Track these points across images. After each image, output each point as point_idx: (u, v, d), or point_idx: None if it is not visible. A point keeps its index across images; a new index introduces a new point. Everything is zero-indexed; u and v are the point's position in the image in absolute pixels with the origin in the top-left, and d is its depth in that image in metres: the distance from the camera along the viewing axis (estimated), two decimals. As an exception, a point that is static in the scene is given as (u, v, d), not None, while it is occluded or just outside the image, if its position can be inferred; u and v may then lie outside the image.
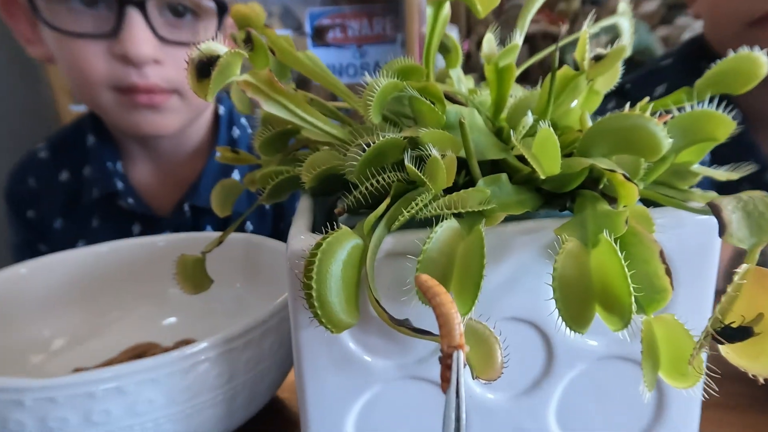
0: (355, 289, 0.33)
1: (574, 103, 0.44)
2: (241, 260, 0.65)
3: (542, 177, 0.33)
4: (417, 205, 0.34)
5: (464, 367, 0.24)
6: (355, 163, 0.37)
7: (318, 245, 0.31)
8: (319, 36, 2.84)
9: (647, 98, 0.40)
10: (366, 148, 0.37)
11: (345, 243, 0.32)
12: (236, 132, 0.99)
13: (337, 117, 0.51)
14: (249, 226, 0.94)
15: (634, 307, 0.27)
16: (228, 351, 0.42)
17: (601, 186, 0.37)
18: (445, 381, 0.21)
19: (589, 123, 0.38)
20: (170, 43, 0.77)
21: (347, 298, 0.32)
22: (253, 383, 0.45)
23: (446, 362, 0.22)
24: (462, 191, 0.34)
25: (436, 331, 0.36)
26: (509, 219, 0.35)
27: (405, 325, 0.32)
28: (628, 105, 0.37)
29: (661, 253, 0.29)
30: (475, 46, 2.89)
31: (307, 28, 2.84)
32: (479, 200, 0.35)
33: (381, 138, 0.37)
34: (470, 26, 2.97)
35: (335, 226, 0.33)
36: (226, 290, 0.63)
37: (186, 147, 0.94)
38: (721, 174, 0.38)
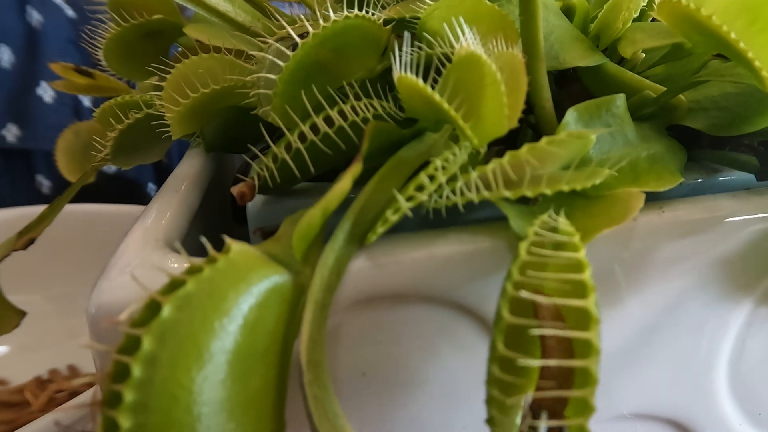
0: (271, 412, 0.12)
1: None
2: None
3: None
4: (434, 180, 0.13)
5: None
6: (272, 77, 0.15)
7: (151, 309, 0.10)
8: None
9: None
10: (298, 43, 0.16)
11: (239, 294, 0.11)
12: (35, 17, 0.58)
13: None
14: (151, 187, 0.66)
15: None
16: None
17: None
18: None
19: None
20: None
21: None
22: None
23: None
24: (545, 141, 0.13)
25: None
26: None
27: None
28: None
29: None
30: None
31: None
32: (571, 160, 0.15)
33: (333, 20, 0.16)
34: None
35: (210, 244, 0.12)
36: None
37: None
38: None
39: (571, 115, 0.16)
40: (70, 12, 0.61)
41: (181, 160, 0.23)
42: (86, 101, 0.61)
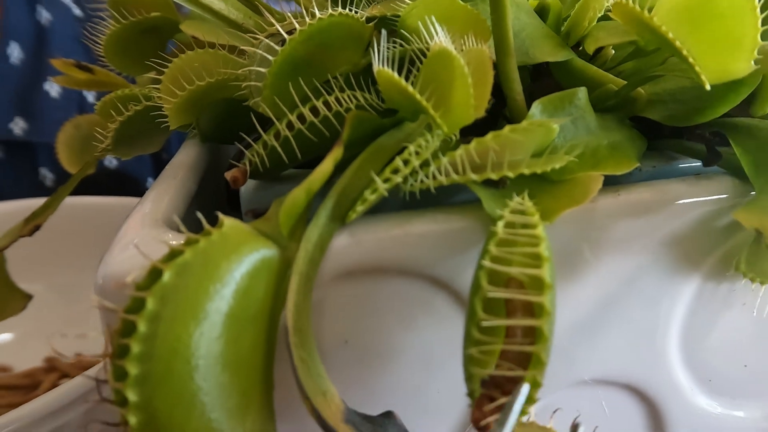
0: (262, 372, 0.14)
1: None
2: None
3: (705, 85, 0.14)
4: (408, 164, 0.14)
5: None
6: (262, 70, 0.17)
7: (153, 276, 0.12)
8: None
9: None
10: (286, 39, 0.17)
11: (232, 264, 0.13)
12: (44, 15, 0.61)
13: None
14: (150, 182, 0.68)
15: None
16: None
17: (764, 110, 0.19)
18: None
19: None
20: None
21: (241, 403, 0.13)
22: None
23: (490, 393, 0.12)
24: (508, 129, 0.15)
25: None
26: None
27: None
28: None
29: None
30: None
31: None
32: (538, 148, 0.16)
33: (318, 17, 0.17)
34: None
35: (206, 220, 0.14)
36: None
37: None
38: None
39: (536, 107, 0.17)
40: (77, 11, 0.63)
41: (178, 153, 0.25)
42: (90, 97, 0.62)
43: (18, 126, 0.58)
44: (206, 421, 0.12)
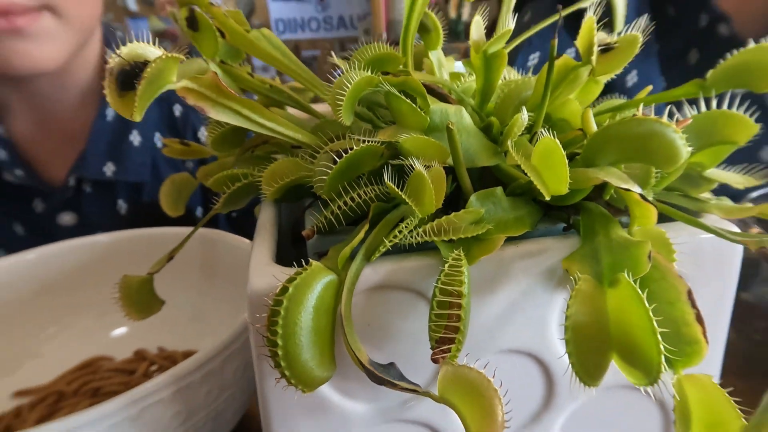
0: (329, 337, 0.28)
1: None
2: (195, 258, 0.59)
3: (546, 197, 0.28)
4: (401, 232, 0.28)
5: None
6: (324, 177, 0.31)
7: (283, 290, 0.26)
8: (276, -10, 2.66)
9: (649, 87, 0.35)
10: (337, 159, 0.31)
11: (316, 283, 0.27)
12: None
13: (301, 107, 0.45)
14: (199, 211, 0.85)
15: (663, 364, 0.23)
16: (184, 387, 0.37)
17: (607, 197, 0.33)
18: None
19: (593, 124, 0.33)
20: None
21: (321, 350, 0.27)
22: (217, 414, 0.40)
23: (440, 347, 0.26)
24: (453, 215, 0.29)
25: (425, 375, 0.32)
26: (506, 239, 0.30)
27: (388, 379, 0.27)
28: (641, 108, 0.33)
29: (690, 294, 0.24)
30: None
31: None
32: (472, 221, 0.30)
33: (354, 146, 0.31)
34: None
35: (304, 261, 0.28)
36: (181, 293, 0.57)
37: (72, 91, 0.74)
38: (737, 179, 0.34)
39: (473, 197, 0.31)
40: None
41: (261, 210, 0.39)
42: (159, 143, 0.79)
43: (109, 169, 0.74)
44: (306, 357, 0.26)
